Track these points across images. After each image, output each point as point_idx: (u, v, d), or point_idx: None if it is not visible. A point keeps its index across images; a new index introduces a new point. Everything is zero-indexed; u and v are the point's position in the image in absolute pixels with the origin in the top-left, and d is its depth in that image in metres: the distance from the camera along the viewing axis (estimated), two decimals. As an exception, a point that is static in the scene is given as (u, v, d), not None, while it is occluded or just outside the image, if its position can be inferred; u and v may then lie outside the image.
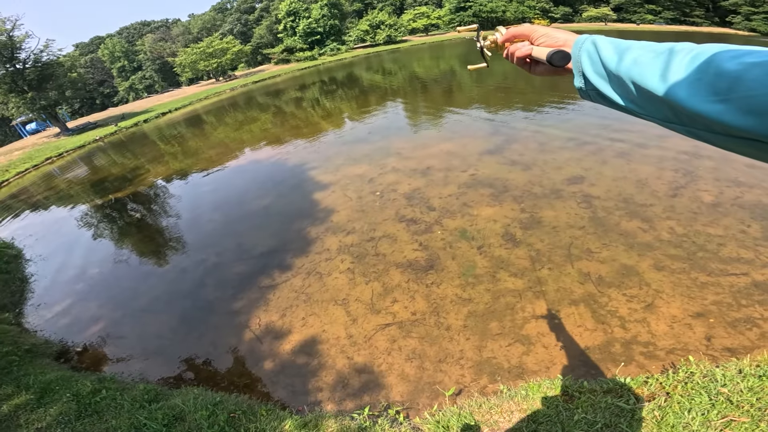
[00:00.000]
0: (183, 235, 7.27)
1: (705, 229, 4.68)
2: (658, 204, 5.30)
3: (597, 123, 8.97)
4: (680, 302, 3.70)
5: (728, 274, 3.97)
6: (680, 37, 40.33)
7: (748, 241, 4.43)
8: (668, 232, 4.70)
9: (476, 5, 57.07)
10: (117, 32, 75.61)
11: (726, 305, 3.61)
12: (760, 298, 3.67)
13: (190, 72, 42.53)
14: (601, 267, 4.27)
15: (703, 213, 5.00)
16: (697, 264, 4.15)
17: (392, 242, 5.37)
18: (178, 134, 19.07)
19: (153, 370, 4.10)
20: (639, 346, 3.30)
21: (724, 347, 3.21)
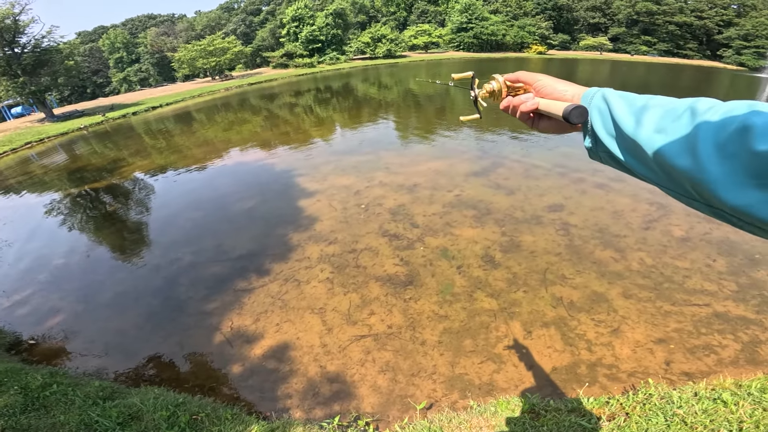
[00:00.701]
0: (159, 232, 7.11)
1: (673, 262, 4.90)
2: (631, 235, 5.53)
3: (580, 153, 9.31)
4: (644, 328, 3.85)
5: (691, 305, 4.17)
6: (672, 70, 42.47)
7: (713, 274, 4.66)
8: (638, 262, 4.90)
9: (478, 27, 58.50)
10: (122, 23, 75.17)
11: (687, 333, 3.79)
12: (719, 327, 3.86)
13: (188, 68, 42.29)
14: (574, 292, 4.40)
15: (673, 246, 5.25)
16: (663, 294, 4.33)
17: (374, 255, 5.39)
18: (165, 129, 18.82)
19: (111, 368, 3.96)
20: (603, 368, 3.41)
21: (682, 371, 3.36)
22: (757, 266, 4.88)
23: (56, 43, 24.49)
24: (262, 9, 68.78)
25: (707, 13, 61.33)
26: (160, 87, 47.80)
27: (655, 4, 61.32)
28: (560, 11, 66.15)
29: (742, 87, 30.64)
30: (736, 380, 3.00)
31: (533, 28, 62.48)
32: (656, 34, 63.16)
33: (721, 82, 33.11)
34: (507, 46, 60.61)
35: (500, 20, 60.48)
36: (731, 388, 2.85)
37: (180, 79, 53.23)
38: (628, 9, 62.53)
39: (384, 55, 51.91)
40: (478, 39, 58.82)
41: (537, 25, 62.93)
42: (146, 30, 66.19)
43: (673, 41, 62.78)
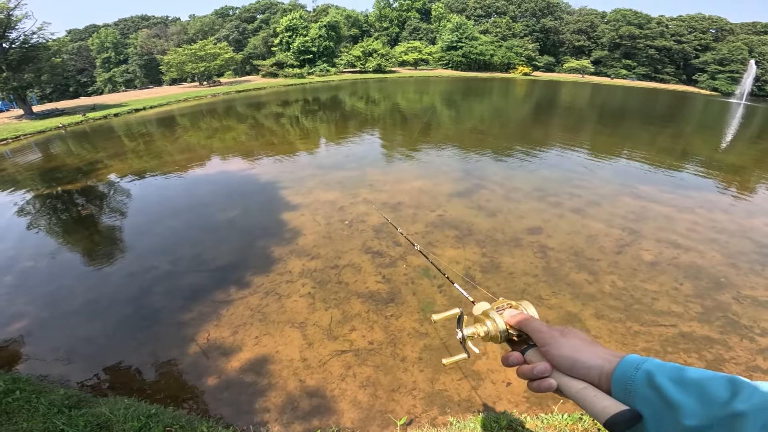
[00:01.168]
0: (134, 238, 6.94)
1: (642, 285, 5.13)
2: (604, 259, 5.76)
3: (560, 177, 9.67)
4: (615, 347, 3.98)
5: (659, 325, 4.38)
6: (649, 94, 44.12)
7: (680, 297, 4.91)
8: (610, 285, 5.11)
9: (467, 46, 59.39)
10: (114, 23, 73.93)
11: (654, 352, 3.98)
12: (685, 346, 4.09)
13: (176, 72, 41.71)
14: (549, 313, 4.55)
15: (642, 270, 5.50)
16: (633, 315, 4.54)
17: (356, 272, 5.43)
18: (147, 133, 18.46)
19: (78, 376, 3.84)
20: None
21: None
22: (721, 289, 5.16)
23: (45, 40, 23.91)
24: (257, 17, 68.92)
25: (686, 37, 63.01)
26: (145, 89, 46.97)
27: (638, 28, 63.10)
28: (547, 33, 67.92)
29: (715, 112, 32.23)
30: None
31: (520, 50, 63.68)
32: (636, 57, 64.79)
33: (696, 107, 34.77)
34: (494, 66, 61.85)
35: (489, 40, 61.69)
36: None
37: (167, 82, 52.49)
38: (612, 32, 64.22)
39: (374, 69, 52.47)
40: (467, 58, 59.78)
41: (524, 46, 64.24)
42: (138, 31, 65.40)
43: (651, 65, 64.59)
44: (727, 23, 63.98)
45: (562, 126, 19.43)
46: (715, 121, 25.59)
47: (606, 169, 10.80)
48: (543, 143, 14.10)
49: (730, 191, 9.72)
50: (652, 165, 11.44)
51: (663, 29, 63.71)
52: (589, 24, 67.02)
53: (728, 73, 57.64)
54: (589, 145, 14.23)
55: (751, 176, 11.49)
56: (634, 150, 13.64)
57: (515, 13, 68.93)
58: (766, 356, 4.06)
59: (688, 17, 65.26)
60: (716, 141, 17.52)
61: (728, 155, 14.31)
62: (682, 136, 18.21)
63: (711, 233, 6.82)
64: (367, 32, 68.17)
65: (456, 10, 70.68)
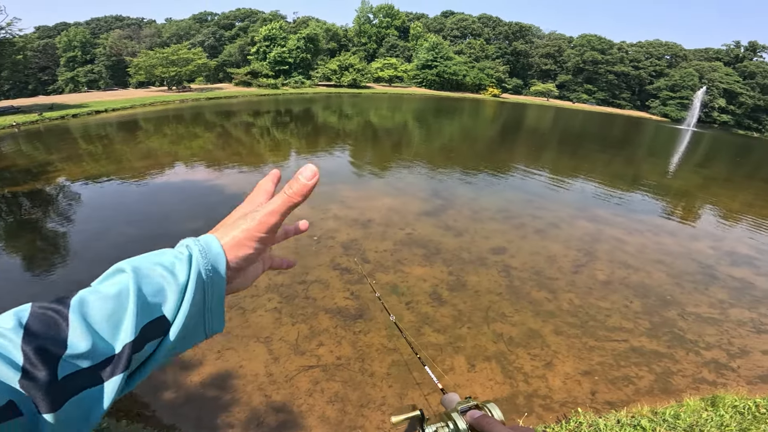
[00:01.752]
0: (84, 246, 6.62)
1: (597, 303, 5.46)
2: (562, 278, 6.08)
3: (523, 199, 10.11)
4: (573, 362, 4.25)
5: (611, 340, 4.69)
6: (607, 119, 46.61)
7: (630, 314, 5.28)
8: (568, 303, 5.41)
9: (442, 65, 60.75)
10: (86, 22, 70.73)
11: (608, 365, 4.26)
12: (636, 360, 4.39)
13: (144, 75, 40.31)
14: (513, 329, 4.75)
15: (597, 289, 5.85)
16: (588, 331, 4.83)
17: (324, 288, 5.44)
18: (106, 136, 17.66)
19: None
20: (539, 399, 3.71)
21: (605, 401, 3.77)
22: (667, 306, 5.57)
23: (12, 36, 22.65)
24: (235, 24, 68.11)
25: (643, 63, 66.44)
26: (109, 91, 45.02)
27: (600, 54, 66.19)
28: (518, 56, 70.73)
29: (664, 138, 34.68)
30: (652, 408, 3.43)
31: (492, 71, 65.67)
32: (597, 83, 67.74)
33: (647, 133, 37.31)
34: (466, 87, 63.69)
35: (463, 61, 63.41)
36: (648, 415, 3.25)
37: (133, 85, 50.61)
38: (577, 57, 67.17)
39: (349, 84, 52.70)
40: (441, 77, 61.14)
41: (495, 68, 66.37)
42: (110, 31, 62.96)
43: (610, 90, 67.78)
44: (681, 49, 67.55)
45: (526, 148, 20.35)
46: (664, 148, 27.56)
47: (565, 193, 11.40)
48: (508, 165, 14.71)
49: (676, 215, 10.51)
50: (606, 189, 12.19)
51: (623, 55, 66.94)
52: (557, 48, 69.91)
53: (678, 99, 60.67)
54: (551, 168, 14.99)
55: (695, 201, 12.48)
56: (590, 174, 14.49)
57: (489, 35, 71.41)
58: (710, 368, 4.42)
59: (646, 43, 68.63)
60: (664, 167, 18.91)
61: (675, 181, 15.47)
62: (634, 162, 19.51)
63: (658, 255, 7.35)
64: (345, 46, 68.62)
65: (434, 29, 72.74)
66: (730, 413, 3.32)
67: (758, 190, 15.46)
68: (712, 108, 60.29)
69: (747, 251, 8.09)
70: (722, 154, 28.95)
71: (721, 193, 13.91)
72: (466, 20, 72.05)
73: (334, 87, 52.75)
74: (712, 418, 3.21)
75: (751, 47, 65.73)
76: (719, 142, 37.78)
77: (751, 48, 65.76)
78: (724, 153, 29.52)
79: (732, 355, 4.69)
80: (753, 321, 5.48)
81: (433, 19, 76.83)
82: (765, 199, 13.88)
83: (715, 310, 5.64)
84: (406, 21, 72.79)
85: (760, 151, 34.55)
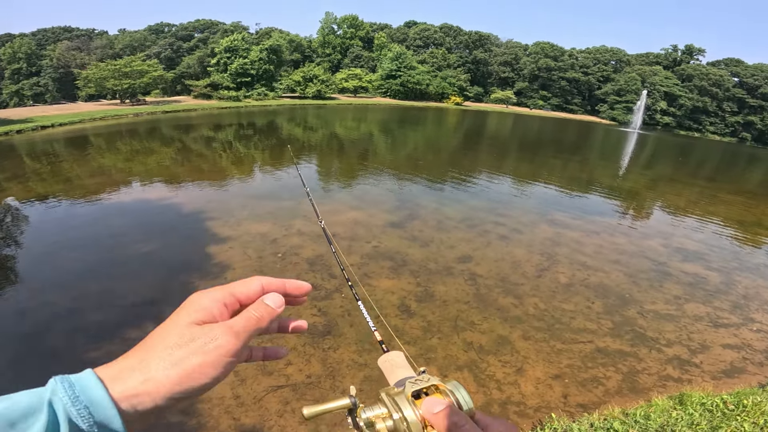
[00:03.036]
0: (30, 271, 6.15)
1: (561, 305, 5.62)
2: (527, 283, 6.23)
3: (485, 206, 10.32)
4: (542, 366, 4.33)
5: (578, 342, 4.82)
6: (561, 124, 48.65)
7: (593, 315, 5.46)
8: (533, 307, 5.53)
9: (405, 75, 61.17)
10: (32, 33, 66.10)
11: (576, 368, 4.37)
12: (602, 361, 4.53)
13: (94, 88, 38.09)
14: (482, 337, 4.78)
15: (560, 291, 6.03)
16: (555, 334, 4.94)
17: (289, 306, 5.27)
18: (53, 153, 16.54)
19: None
20: (513, 406, 3.74)
21: (577, 404, 3.85)
22: (627, 305, 5.82)
23: None
24: (194, 35, 65.95)
25: (591, 69, 69.43)
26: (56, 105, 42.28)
27: (553, 60, 69.00)
28: (478, 65, 72.76)
29: (613, 141, 36.69)
30: (623, 409, 3.52)
31: (454, 80, 66.98)
32: (551, 89, 70.42)
33: (597, 137, 39.41)
34: (430, 96, 64.81)
35: (426, 70, 64.40)
36: (620, 417, 3.33)
37: (82, 98, 47.79)
38: (532, 65, 69.67)
39: (313, 95, 52.13)
40: (405, 87, 61.74)
41: (457, 77, 67.86)
42: (57, 42, 59.31)
43: (563, 96, 70.72)
44: (624, 54, 71.59)
45: (488, 156, 20.95)
46: (613, 150, 29.23)
47: (525, 198, 11.79)
48: (471, 172, 15.04)
49: (628, 215, 11.10)
50: (563, 193, 12.71)
51: (573, 61, 70.10)
52: (514, 56, 72.53)
53: (624, 103, 63.83)
54: (512, 174, 15.50)
55: (644, 201, 13.25)
56: (548, 179, 15.08)
57: (451, 44, 73.33)
58: (674, 365, 4.60)
59: (594, 49, 72.25)
60: (615, 169, 20.04)
61: (625, 182, 16.40)
62: (587, 165, 20.57)
63: (614, 255, 7.70)
64: (309, 57, 68.13)
65: (397, 39, 73.73)
66: (699, 411, 3.43)
67: (701, 188, 16.67)
68: (655, 111, 64.25)
69: (696, 247, 8.63)
70: (666, 154, 31.05)
71: (667, 192, 14.88)
72: (428, 30, 73.81)
73: (298, 98, 52.15)
74: (682, 417, 3.33)
75: (688, 50, 70.79)
76: (663, 144, 40.54)
77: (688, 51, 70.81)
78: (667, 153, 31.69)
79: (693, 351, 4.93)
80: (709, 315, 5.81)
81: (397, 30, 78.11)
82: (708, 196, 14.98)
83: (672, 306, 5.94)
84: (370, 32, 73.55)
85: (701, 151, 37.42)
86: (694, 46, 70.15)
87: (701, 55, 70.76)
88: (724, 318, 5.78)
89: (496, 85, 74.08)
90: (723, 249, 8.75)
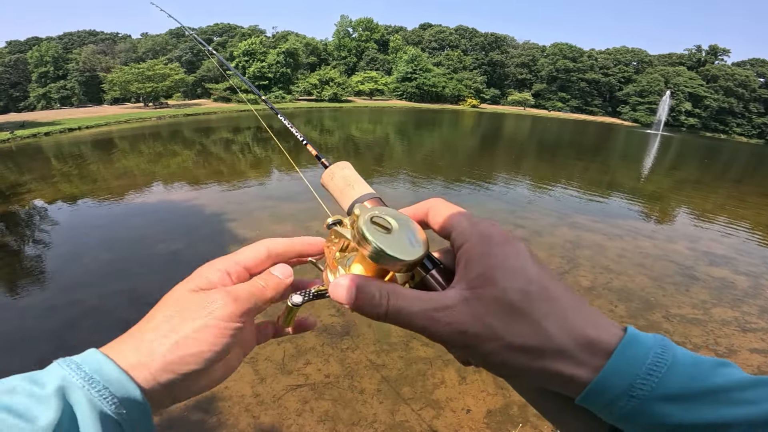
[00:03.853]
0: (57, 270, 6.37)
1: (583, 309, 5.51)
2: (547, 285, 6.12)
3: (504, 208, 10.23)
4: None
5: (599, 348, 4.70)
6: (580, 126, 47.81)
7: (616, 318, 5.21)
8: (555, 309, 5.43)
9: (421, 78, 61.35)
10: (59, 37, 69.03)
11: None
12: None
13: (119, 91, 39.51)
14: (501, 338, 4.73)
15: (581, 294, 5.88)
16: (576, 338, 4.84)
17: (308, 305, 5.27)
18: (80, 155, 17.16)
19: None
20: (532, 408, 3.67)
21: None
22: (651, 309, 5.67)
23: None
24: (213, 39, 67.51)
25: (612, 70, 68.36)
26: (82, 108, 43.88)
27: (572, 62, 68.05)
28: (494, 67, 72.00)
29: (635, 143, 35.79)
30: None
31: (470, 82, 66.89)
32: (570, 90, 69.49)
33: (619, 139, 38.44)
34: (445, 98, 64.54)
35: (442, 72, 64.35)
36: None
37: (108, 101, 49.47)
38: (550, 66, 68.95)
39: (329, 98, 52.65)
40: (420, 89, 61.81)
41: (473, 79, 67.59)
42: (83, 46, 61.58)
43: (582, 98, 69.74)
44: (646, 55, 70.12)
45: (506, 158, 20.73)
46: (636, 152, 28.51)
47: (545, 201, 11.60)
48: (489, 175, 14.93)
49: (652, 218, 10.82)
50: (584, 195, 12.47)
51: (593, 62, 68.91)
52: (531, 58, 71.67)
53: (647, 105, 62.75)
54: (531, 177, 15.28)
55: (669, 204, 12.89)
56: (568, 181, 14.83)
57: (467, 46, 72.90)
58: None
59: (614, 50, 71.01)
60: (637, 171, 19.54)
61: (649, 185, 16.00)
62: (609, 167, 20.11)
63: (638, 258, 7.52)
64: (325, 60, 68.73)
65: (412, 42, 73.82)
66: None
67: (729, 191, 16.13)
68: (679, 112, 62.56)
69: (724, 251, 8.35)
70: (691, 156, 30.14)
71: (693, 195, 14.45)
72: (443, 32, 73.66)
73: (314, 101, 52.68)
74: None
75: (712, 51, 68.76)
76: (687, 145, 39.37)
77: (712, 51, 68.78)
78: (692, 156, 30.76)
79: (720, 355, 4.77)
80: (737, 320, 5.62)
81: (412, 32, 78.21)
82: (736, 199, 14.48)
83: (699, 311, 5.77)
84: (385, 34, 73.79)
85: (727, 153, 36.19)
86: (719, 47, 68.08)
87: (726, 55, 68.61)
88: (753, 322, 5.58)
89: (513, 87, 73.19)
90: (751, 253, 8.44)
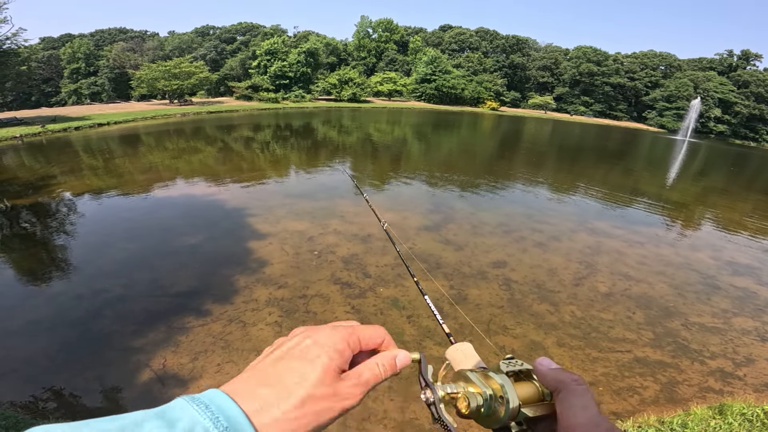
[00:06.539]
0: (85, 260, 6.62)
1: (599, 314, 5.44)
2: (563, 291, 6.06)
3: (522, 212, 10.12)
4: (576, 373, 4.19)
5: (615, 351, 4.66)
6: (604, 131, 46.64)
7: (633, 325, 5.25)
8: (570, 315, 5.38)
9: (440, 79, 60.71)
10: (90, 34, 71.62)
11: (612, 376, 4.23)
12: (640, 370, 4.36)
13: (146, 88, 40.66)
14: (514, 341, 4.72)
15: (599, 300, 5.83)
16: (591, 342, 4.80)
17: (325, 302, 5.41)
18: (108, 149, 17.77)
19: (14, 396, 3.66)
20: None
21: (610, 411, 3.73)
22: (670, 317, 5.55)
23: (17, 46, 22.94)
24: (237, 38, 68.60)
25: (638, 74, 66.13)
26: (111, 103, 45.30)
27: (596, 65, 65.99)
28: (515, 69, 70.61)
29: (661, 149, 34.62)
30: (659, 417, 3.39)
31: (490, 84, 65.62)
32: (594, 94, 67.41)
33: (644, 145, 37.35)
34: (465, 100, 63.61)
35: (461, 74, 63.54)
36: (655, 425, 3.21)
37: (135, 98, 51.01)
38: (573, 69, 67.06)
39: (348, 98, 52.87)
40: (439, 91, 61.15)
41: (494, 81, 66.31)
42: (113, 44, 63.63)
43: (606, 102, 67.59)
44: (675, 59, 67.58)
45: (525, 161, 20.44)
46: (661, 159, 27.64)
47: (564, 206, 11.42)
48: (508, 178, 14.78)
49: (675, 226, 10.52)
50: (605, 201, 12.22)
51: (618, 66, 66.87)
52: (553, 61, 70.00)
53: (674, 110, 60.35)
54: (550, 181, 15.04)
55: (694, 212, 12.51)
56: (589, 186, 14.54)
57: (487, 48, 71.77)
58: (716, 377, 4.38)
59: (641, 54, 68.66)
60: (662, 178, 19.00)
61: (673, 192, 15.52)
62: (632, 173, 19.61)
63: (659, 266, 7.34)
64: (344, 60, 68.97)
65: (432, 43, 73.29)
66: (739, 421, 3.28)
67: (756, 200, 15.52)
68: (708, 118, 60.35)
69: (748, 261, 8.08)
70: (719, 164, 29.11)
71: (719, 204, 13.96)
72: (463, 34, 72.97)
73: (334, 101, 53.06)
74: (721, 427, 3.19)
75: (744, 56, 66.11)
76: (715, 153, 38.02)
77: (744, 56, 66.13)
78: (720, 163, 29.71)
79: (738, 364, 4.67)
80: (757, 330, 5.47)
81: (432, 33, 77.81)
82: (763, 209, 13.92)
83: (719, 320, 5.62)
84: (405, 35, 73.64)
85: (757, 161, 34.76)
86: (751, 52, 65.28)
87: (758, 60, 65.81)
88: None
89: (534, 90, 71.72)
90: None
